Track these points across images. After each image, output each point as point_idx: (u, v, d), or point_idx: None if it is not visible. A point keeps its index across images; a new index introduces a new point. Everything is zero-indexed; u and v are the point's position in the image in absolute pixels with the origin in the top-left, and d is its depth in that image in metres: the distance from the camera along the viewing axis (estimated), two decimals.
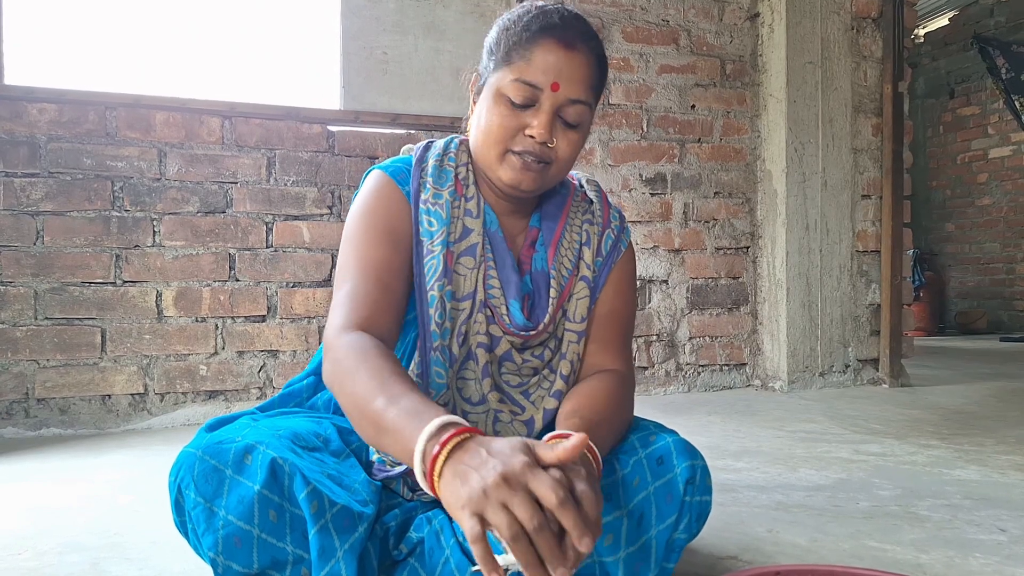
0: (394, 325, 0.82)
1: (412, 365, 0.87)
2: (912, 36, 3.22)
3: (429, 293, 0.84)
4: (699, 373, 2.74)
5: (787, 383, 2.68)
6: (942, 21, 5.86)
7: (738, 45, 2.81)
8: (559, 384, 0.89)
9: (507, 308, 0.87)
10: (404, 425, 0.64)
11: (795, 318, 2.70)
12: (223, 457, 0.74)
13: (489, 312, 0.87)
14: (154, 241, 2.14)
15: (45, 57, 2.19)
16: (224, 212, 2.21)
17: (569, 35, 0.82)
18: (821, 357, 2.74)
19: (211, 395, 2.18)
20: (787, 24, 2.69)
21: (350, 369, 0.72)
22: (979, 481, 1.46)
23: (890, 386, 2.76)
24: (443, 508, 0.85)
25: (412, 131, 2.42)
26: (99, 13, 2.26)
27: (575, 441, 0.57)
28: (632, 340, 0.98)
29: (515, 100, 0.82)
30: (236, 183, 2.22)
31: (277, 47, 2.44)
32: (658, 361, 2.69)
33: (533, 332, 0.88)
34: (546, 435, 0.72)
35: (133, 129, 2.13)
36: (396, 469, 0.82)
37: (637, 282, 2.56)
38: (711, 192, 2.78)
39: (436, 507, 0.86)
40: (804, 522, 1.21)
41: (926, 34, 6.03)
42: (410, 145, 0.96)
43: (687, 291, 2.73)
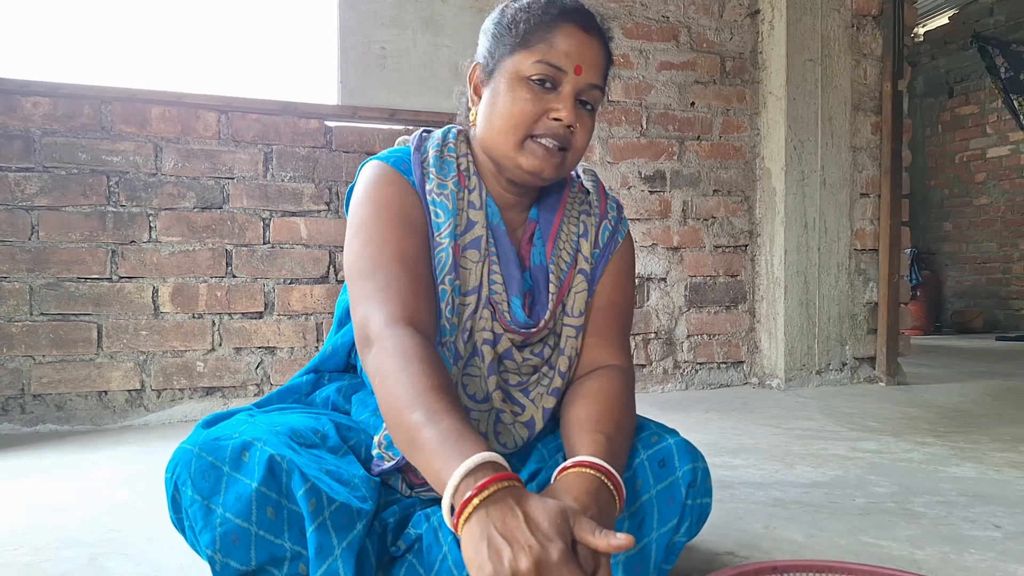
0: (433, 316, 0.80)
1: None
2: (912, 34, 3.22)
3: (440, 287, 0.82)
4: (697, 371, 2.75)
5: (784, 381, 2.68)
6: (942, 20, 5.86)
7: (738, 42, 2.81)
8: (558, 382, 0.87)
9: (508, 305, 0.86)
10: (440, 451, 0.62)
11: (793, 316, 2.70)
12: (220, 454, 0.73)
13: (492, 308, 0.86)
14: (150, 237, 2.13)
15: (39, 50, 2.17)
16: (221, 208, 2.20)
17: (587, 20, 0.83)
18: (818, 355, 2.74)
19: (208, 392, 2.18)
20: (787, 21, 2.69)
21: (393, 370, 0.69)
22: (975, 478, 1.47)
23: (887, 384, 2.76)
24: (441, 505, 0.85)
25: (410, 127, 2.41)
26: (94, 6, 2.24)
27: (623, 542, 0.56)
28: (631, 332, 0.97)
29: (537, 81, 0.80)
30: (233, 178, 2.21)
31: (274, 41, 2.43)
32: (656, 359, 2.69)
33: (534, 329, 0.86)
34: (572, 459, 0.70)
35: (128, 123, 2.12)
36: (393, 463, 0.81)
37: (636, 279, 2.55)
38: (710, 190, 2.77)
39: (435, 504, 0.85)
40: (801, 518, 1.21)
41: (926, 33, 6.03)
42: (405, 136, 0.94)
43: (685, 289, 2.73)
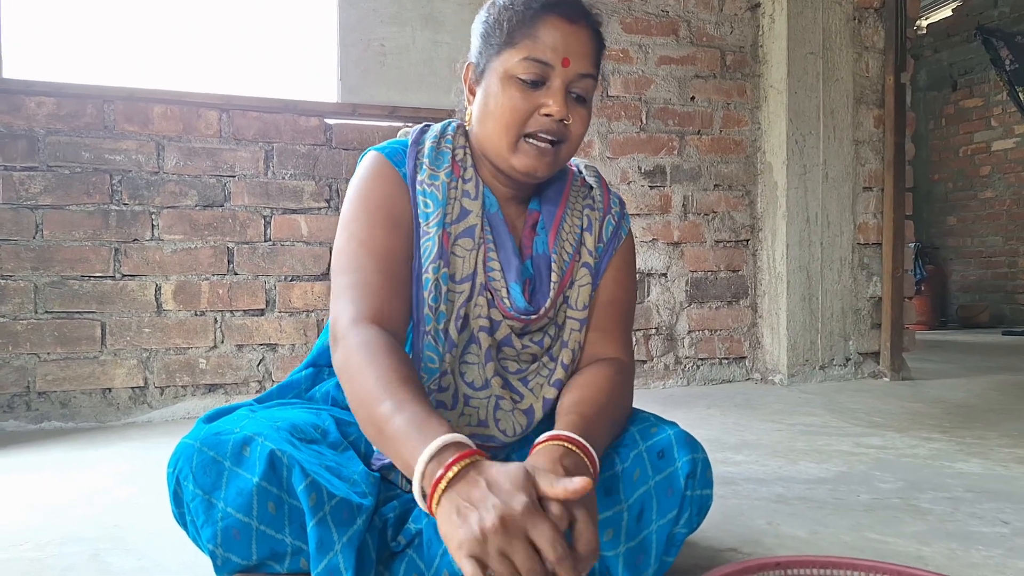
0: (404, 314, 0.81)
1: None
2: (915, 27, 3.20)
3: (424, 276, 0.83)
4: (698, 366, 2.74)
5: (787, 376, 2.67)
6: (945, 12, 5.81)
7: (738, 36, 2.80)
8: (559, 373, 0.87)
9: (507, 291, 0.86)
10: (407, 439, 0.64)
11: (795, 311, 2.69)
12: (221, 449, 0.74)
13: (489, 295, 0.86)
14: (153, 235, 2.14)
15: (43, 51, 2.18)
16: (222, 206, 2.21)
17: (571, 10, 0.82)
18: (821, 350, 2.73)
19: (211, 388, 2.19)
20: (788, 14, 2.67)
21: (359, 366, 0.71)
22: (981, 474, 1.46)
23: (891, 379, 2.75)
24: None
25: (410, 124, 2.39)
26: (96, 6, 2.25)
27: (578, 485, 0.58)
28: (632, 328, 0.97)
29: (526, 80, 0.81)
30: (234, 176, 2.22)
31: (274, 39, 2.43)
32: (657, 355, 2.68)
33: (534, 316, 0.86)
34: (543, 435, 0.71)
35: (131, 122, 2.12)
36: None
37: (636, 275, 2.55)
38: (711, 185, 2.76)
39: None
40: (804, 515, 1.21)
41: (929, 25, 5.99)
42: (406, 128, 0.95)
43: (686, 284, 2.73)
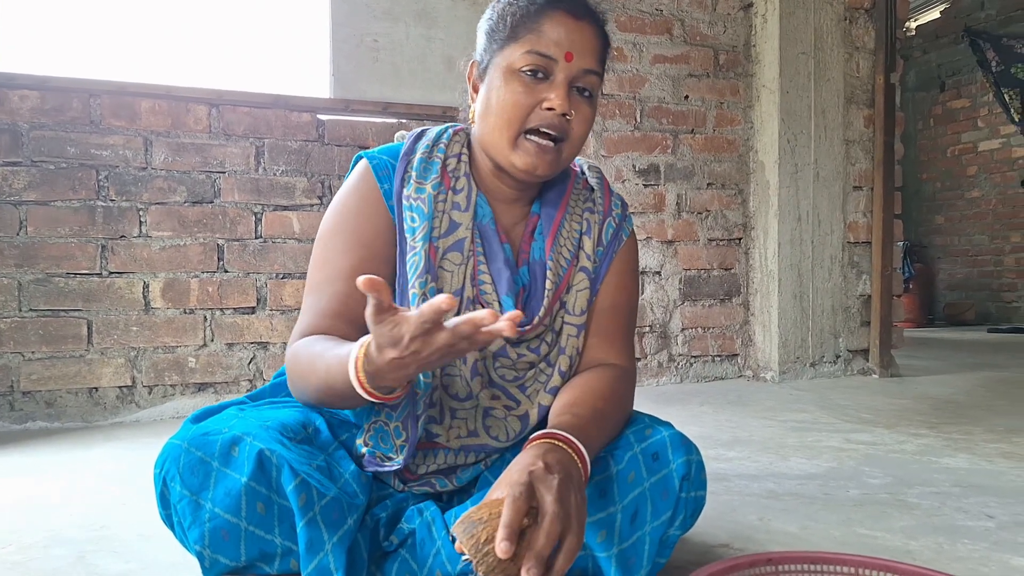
0: (355, 335, 0.77)
1: None
2: (904, 28, 3.22)
3: (411, 291, 0.81)
4: (691, 364, 2.75)
5: (778, 373, 2.69)
6: (933, 14, 5.86)
7: (731, 35, 2.80)
8: (556, 379, 0.86)
9: (500, 305, 0.84)
10: (342, 359, 0.68)
11: (786, 309, 2.71)
12: (209, 449, 0.73)
13: (481, 309, 0.85)
14: (140, 231, 2.11)
15: (27, 43, 2.14)
16: (212, 202, 2.18)
17: (575, 6, 0.82)
18: (812, 348, 2.75)
19: (200, 387, 2.16)
20: (780, 14, 2.68)
21: (299, 354, 0.77)
22: (968, 469, 1.47)
23: (880, 376, 2.78)
24: (434, 500, 0.85)
25: (403, 120, 2.39)
26: None
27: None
28: (634, 333, 0.95)
29: (528, 73, 0.80)
30: (224, 172, 2.19)
31: (265, 34, 2.40)
32: (651, 352, 2.69)
33: (528, 328, 0.85)
34: (534, 434, 0.71)
35: (118, 117, 2.09)
36: (387, 466, 0.81)
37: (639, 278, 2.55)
38: (704, 183, 2.77)
39: (428, 499, 0.85)
40: (795, 510, 1.22)
41: (917, 27, 6.04)
42: (403, 132, 0.93)
43: (680, 282, 2.73)
